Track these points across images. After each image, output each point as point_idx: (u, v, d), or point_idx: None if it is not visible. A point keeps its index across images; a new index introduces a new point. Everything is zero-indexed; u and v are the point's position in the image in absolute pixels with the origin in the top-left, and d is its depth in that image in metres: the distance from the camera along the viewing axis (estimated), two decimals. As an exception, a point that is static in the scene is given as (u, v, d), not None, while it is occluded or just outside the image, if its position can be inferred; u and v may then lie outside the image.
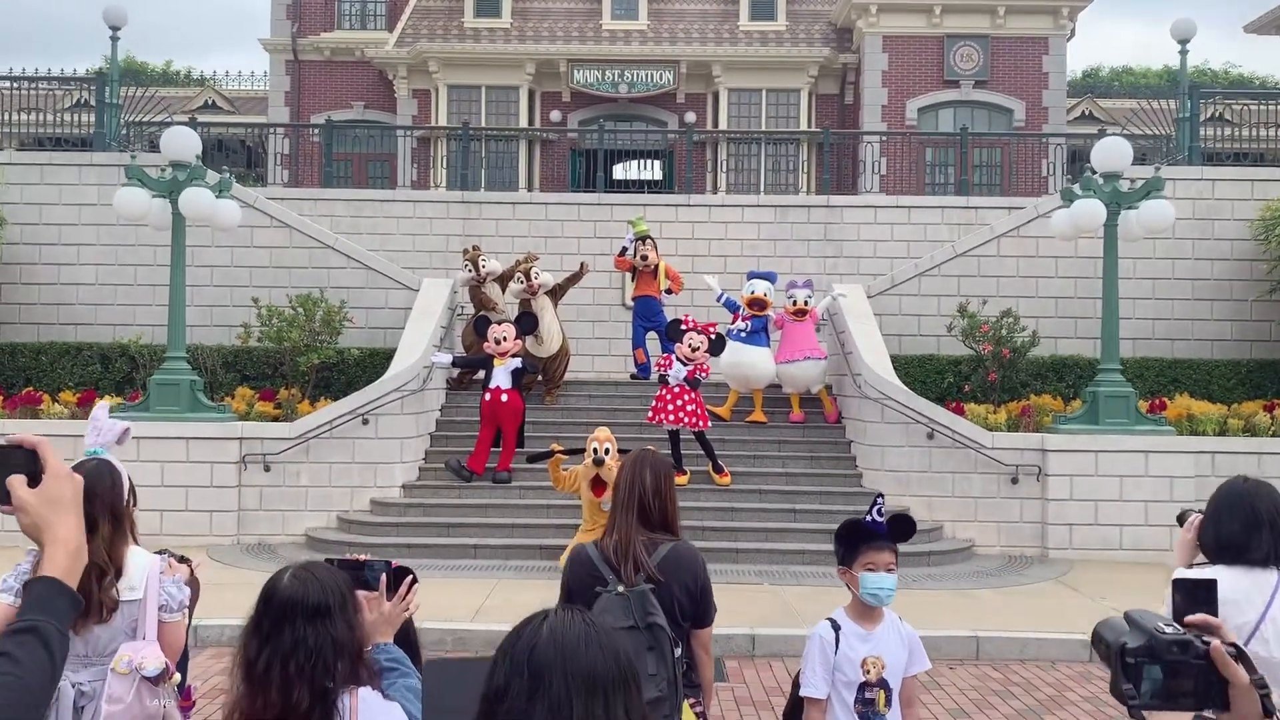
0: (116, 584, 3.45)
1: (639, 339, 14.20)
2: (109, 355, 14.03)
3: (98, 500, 3.44)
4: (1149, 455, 11.68)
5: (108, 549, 3.45)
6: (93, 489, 3.45)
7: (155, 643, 3.48)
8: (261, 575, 9.08)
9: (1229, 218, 14.49)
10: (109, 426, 3.72)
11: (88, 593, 3.37)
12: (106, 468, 3.56)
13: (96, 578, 3.40)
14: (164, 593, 3.52)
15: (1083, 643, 8.26)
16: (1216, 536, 3.41)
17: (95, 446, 3.66)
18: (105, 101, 15.53)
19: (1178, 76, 28.78)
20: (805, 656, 3.62)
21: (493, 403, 11.83)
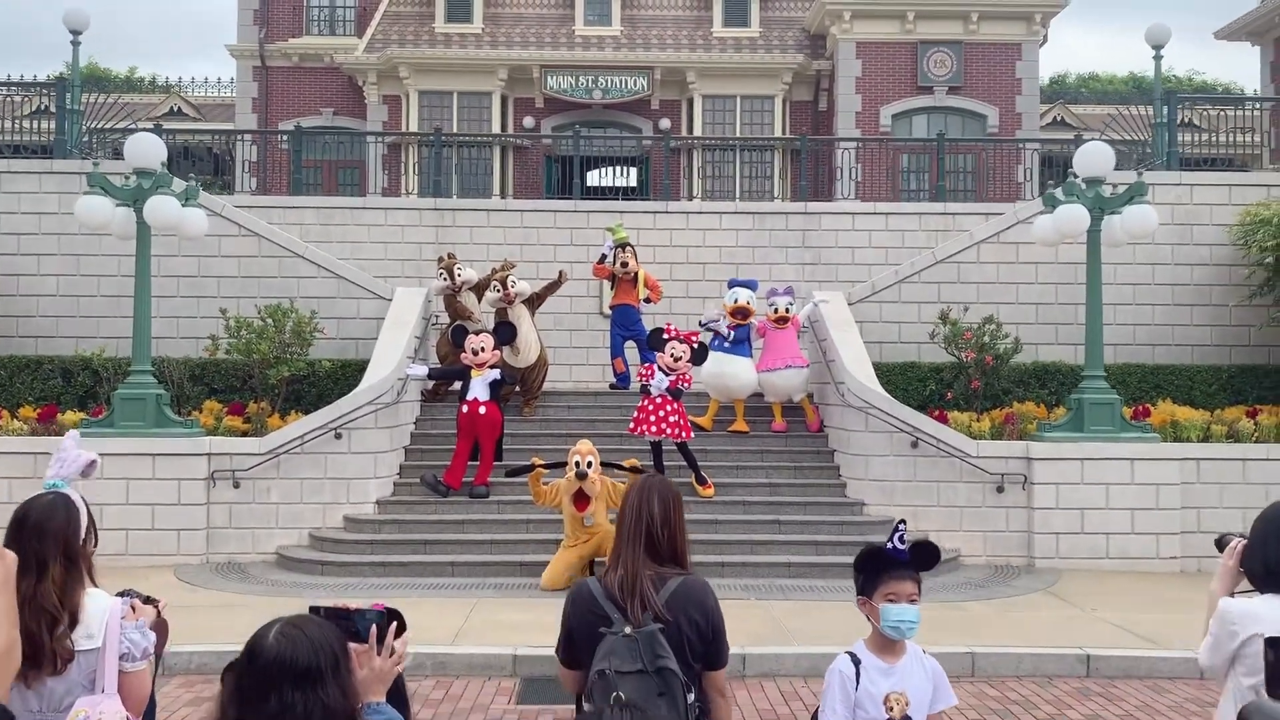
0: (71, 632, 3.15)
1: (617, 348, 13.98)
2: (71, 369, 13.61)
3: (50, 539, 3.14)
4: (1134, 462, 11.58)
5: (60, 593, 3.14)
6: (44, 526, 3.15)
7: (115, 696, 3.18)
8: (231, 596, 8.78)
9: (1208, 223, 14.47)
10: (74, 458, 3.41)
11: (38, 643, 3.07)
12: (62, 502, 3.26)
13: (48, 626, 3.09)
14: (125, 640, 3.22)
15: (1079, 657, 8.11)
16: (1265, 563, 3.21)
17: (55, 479, 3.36)
18: (66, 108, 15.10)
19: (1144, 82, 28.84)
20: (825, 693, 3.39)
21: (470, 415, 11.56)
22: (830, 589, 10.29)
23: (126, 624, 3.23)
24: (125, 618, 3.24)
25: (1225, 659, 3.16)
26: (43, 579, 3.11)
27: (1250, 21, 22.02)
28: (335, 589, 10.10)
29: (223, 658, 7.30)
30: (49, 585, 3.11)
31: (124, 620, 3.23)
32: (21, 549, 3.11)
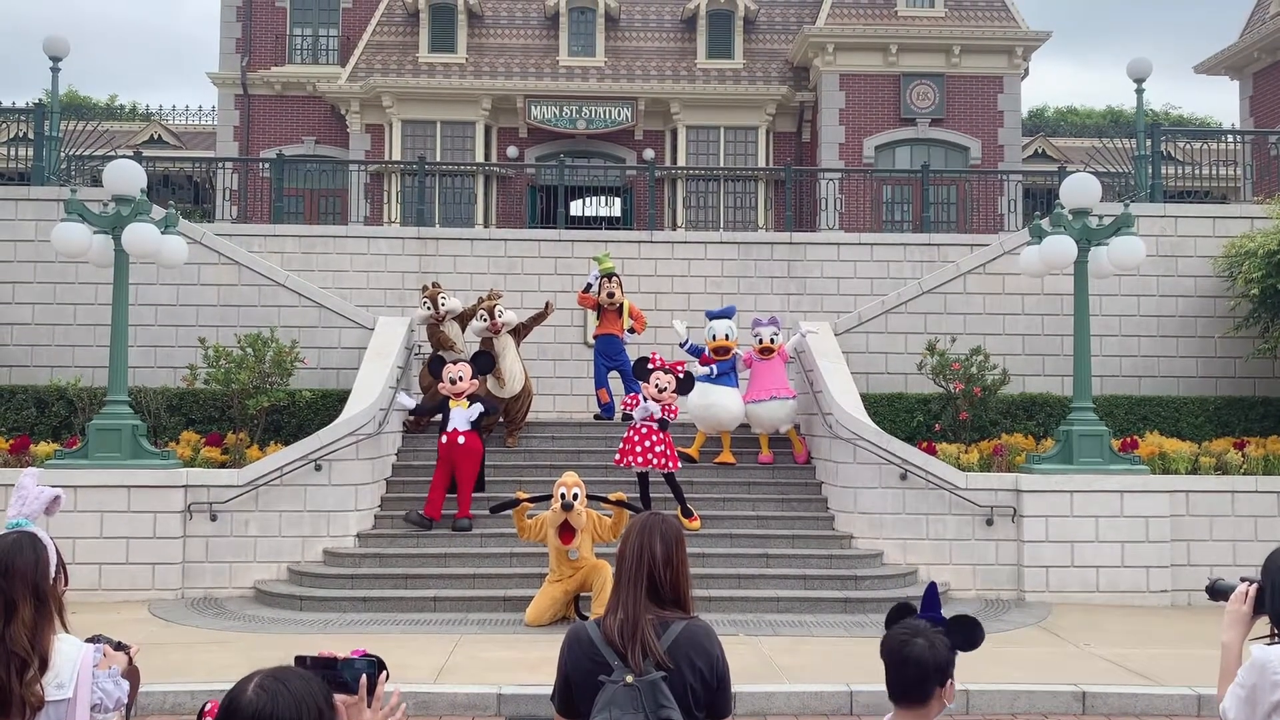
0: (41, 678, 2.96)
1: (601, 378, 13.85)
2: (45, 398, 13.34)
3: (17, 579, 2.96)
4: (1124, 495, 11.50)
5: (30, 636, 2.95)
6: (10, 565, 2.97)
7: None
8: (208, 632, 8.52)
9: (1192, 254, 14.50)
10: (36, 495, 3.23)
11: (7, 690, 2.89)
12: (29, 541, 3.07)
13: (17, 671, 2.91)
14: (98, 689, 3.03)
15: (1074, 694, 7.96)
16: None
17: (18, 517, 3.18)
18: (44, 134, 14.91)
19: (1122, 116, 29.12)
20: None
21: (449, 444, 11.37)
22: (820, 624, 10.14)
23: (99, 673, 3.05)
24: (98, 665, 3.06)
25: (1265, 712, 3.01)
26: (11, 621, 2.93)
27: (1229, 56, 22.28)
28: (315, 625, 9.86)
29: (198, 697, 7.07)
30: (18, 628, 2.93)
31: (96, 669, 3.05)
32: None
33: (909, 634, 2.89)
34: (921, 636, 2.88)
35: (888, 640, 2.94)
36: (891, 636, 2.95)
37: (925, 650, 2.87)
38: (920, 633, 2.89)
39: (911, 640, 2.88)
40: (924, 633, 2.90)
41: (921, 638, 2.88)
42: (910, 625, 2.94)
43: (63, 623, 3.10)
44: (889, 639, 2.95)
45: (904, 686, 2.88)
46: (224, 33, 25.55)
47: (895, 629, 2.96)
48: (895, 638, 2.93)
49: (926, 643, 2.87)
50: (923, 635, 2.89)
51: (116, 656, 3.15)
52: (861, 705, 7.81)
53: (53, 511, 3.25)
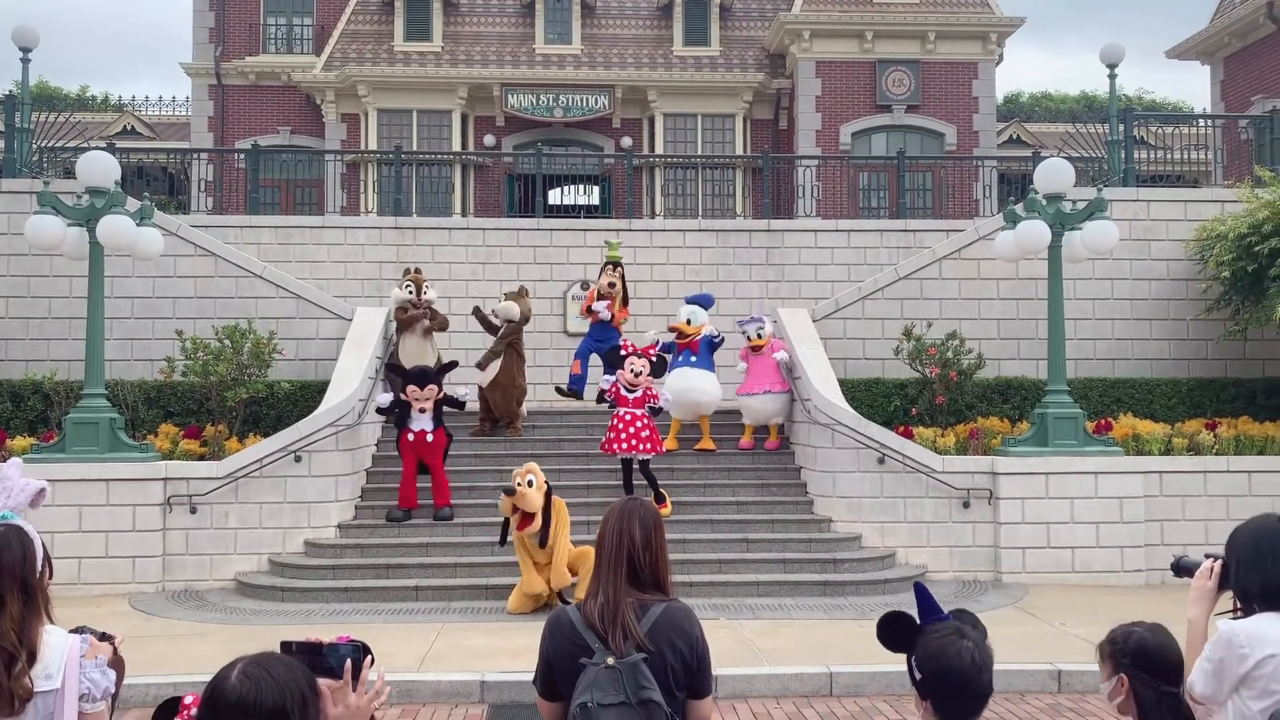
0: (30, 670, 2.99)
1: (583, 352, 13.75)
2: (20, 392, 13.25)
3: (4, 573, 2.98)
4: (1098, 476, 11.65)
5: (17, 629, 2.98)
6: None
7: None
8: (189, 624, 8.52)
9: (1164, 238, 14.65)
10: (21, 486, 3.24)
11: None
12: (16, 534, 3.09)
13: (5, 664, 2.93)
14: (85, 679, 3.06)
15: (1050, 673, 8.10)
16: (1264, 582, 3.13)
17: (4, 510, 3.19)
18: (15, 126, 14.76)
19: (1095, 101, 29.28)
20: None
21: (417, 442, 11.35)
22: (799, 607, 10.23)
23: (86, 663, 3.07)
24: (84, 656, 3.09)
25: (1231, 684, 3.07)
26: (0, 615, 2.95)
27: (1200, 41, 22.47)
28: (296, 615, 9.87)
29: (180, 689, 7.08)
30: (6, 622, 2.95)
31: (83, 659, 3.07)
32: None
33: (956, 636, 2.49)
34: (967, 638, 2.50)
35: (941, 652, 2.47)
36: (939, 646, 2.48)
37: (984, 651, 2.51)
38: (963, 633, 2.51)
39: (963, 644, 2.47)
40: (965, 632, 2.52)
41: (968, 639, 2.50)
42: (948, 629, 2.52)
43: (49, 615, 3.12)
44: (941, 650, 2.47)
45: (977, 698, 2.48)
46: (197, 22, 25.32)
47: (934, 637, 2.50)
48: (950, 646, 2.46)
49: (974, 643, 2.50)
50: (968, 636, 2.51)
51: (101, 647, 3.17)
52: (841, 686, 7.91)
53: (37, 504, 3.26)
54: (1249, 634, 3.05)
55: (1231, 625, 3.12)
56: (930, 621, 2.58)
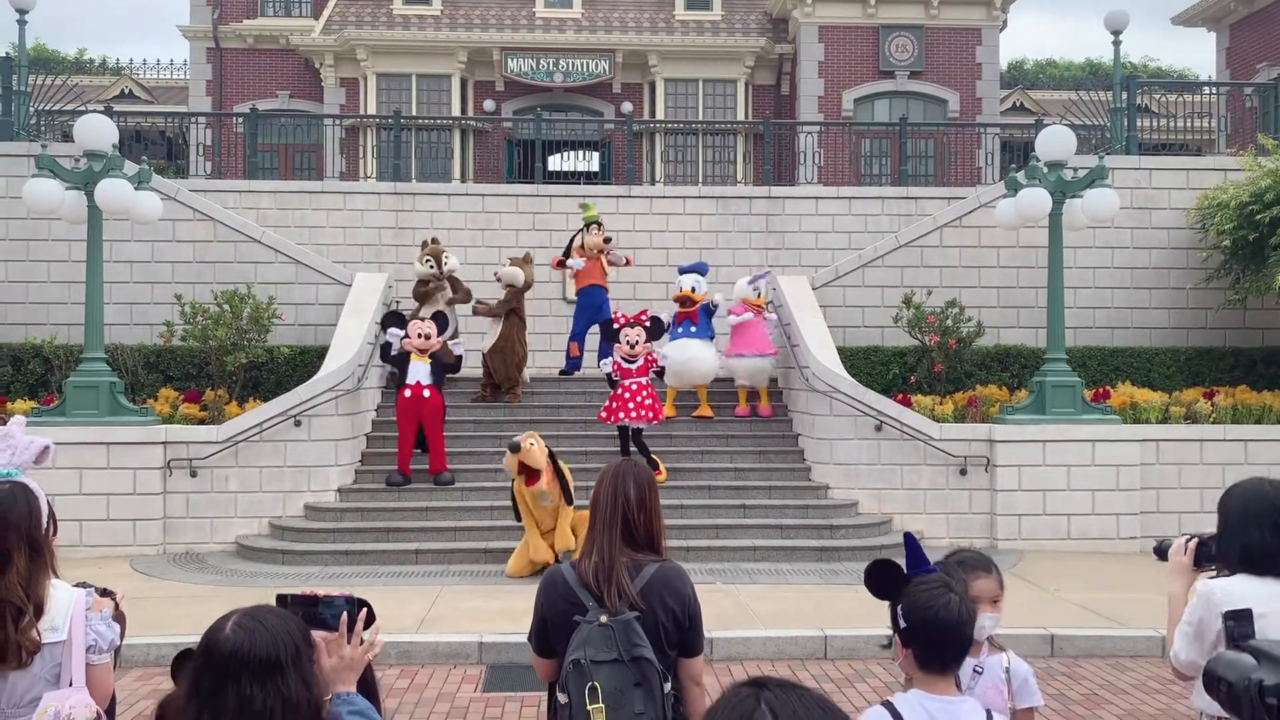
0: (37, 623, 3.03)
1: (579, 332, 13.80)
2: (21, 356, 13.28)
3: (11, 528, 3.03)
4: (1095, 444, 11.69)
5: (25, 584, 3.02)
6: (5, 516, 3.04)
7: (84, 689, 3.06)
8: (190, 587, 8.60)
9: (1166, 206, 14.61)
10: (25, 444, 3.28)
11: (2, 635, 2.96)
12: (21, 491, 3.13)
13: (13, 617, 2.98)
14: (92, 631, 3.11)
15: (1043, 638, 8.17)
16: (1244, 546, 3.17)
17: (8, 467, 3.23)
18: (12, 89, 14.69)
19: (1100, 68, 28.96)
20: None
21: (414, 399, 11.36)
22: (796, 572, 10.31)
23: (92, 615, 3.13)
24: (89, 609, 3.14)
25: (1210, 644, 3.12)
26: (6, 570, 3.00)
27: (1207, 7, 22.26)
28: (296, 578, 9.94)
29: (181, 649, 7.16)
30: (13, 577, 3.00)
31: (88, 612, 3.13)
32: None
33: (943, 589, 2.53)
34: (953, 591, 2.54)
35: (927, 603, 2.51)
36: (925, 598, 2.52)
37: (968, 605, 2.55)
38: (950, 586, 2.55)
39: (948, 595, 2.52)
40: (952, 586, 2.56)
41: (954, 592, 2.54)
42: (935, 580, 2.57)
43: (54, 570, 3.17)
44: (928, 602, 2.51)
45: (958, 649, 2.53)
46: (194, -16, 25.08)
47: (921, 588, 2.54)
48: (937, 598, 2.51)
49: (960, 596, 2.54)
50: (954, 590, 2.55)
51: (103, 603, 3.21)
52: (835, 649, 7.99)
53: (42, 461, 3.30)
54: (1225, 591, 3.10)
55: (1209, 583, 3.16)
56: (918, 573, 2.63)
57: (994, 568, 3.37)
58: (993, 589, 3.30)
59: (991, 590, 3.29)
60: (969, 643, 2.56)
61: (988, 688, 3.31)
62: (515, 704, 6.93)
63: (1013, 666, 3.37)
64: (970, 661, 3.28)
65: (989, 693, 3.29)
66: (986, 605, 3.25)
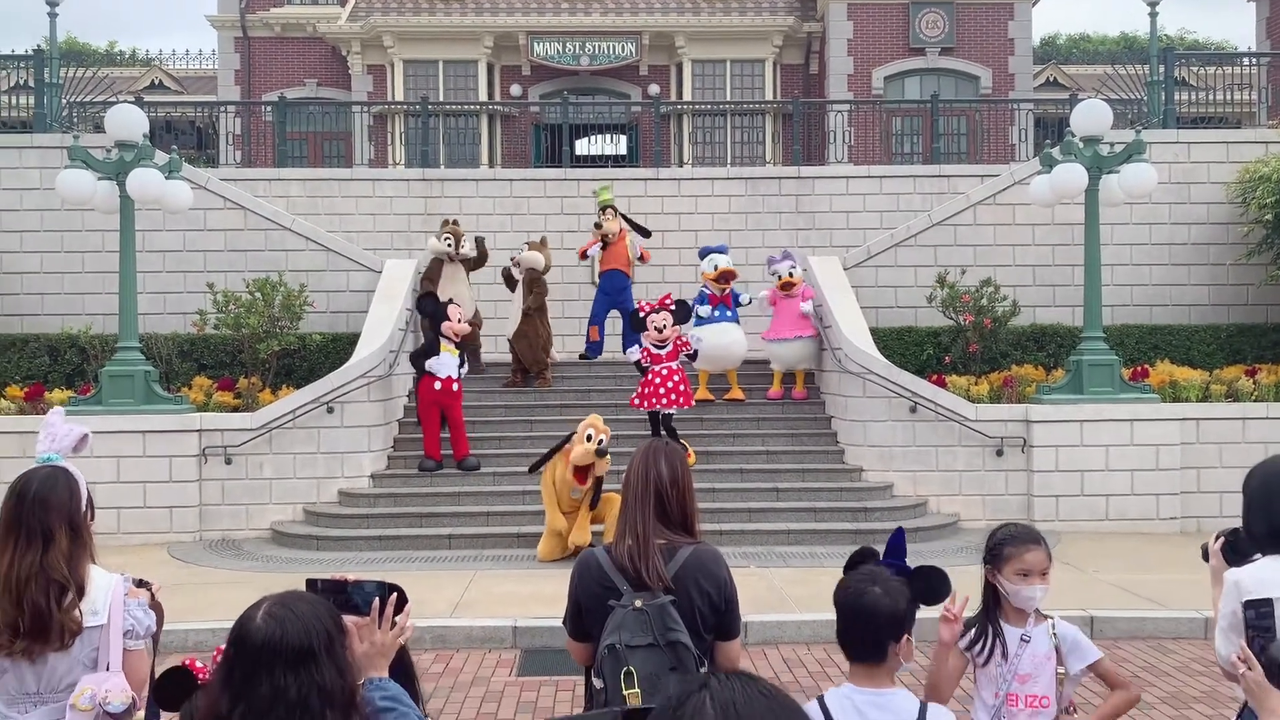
0: (79, 604, 3.05)
1: (599, 315, 13.73)
2: (57, 346, 13.42)
3: (53, 510, 3.05)
4: (1134, 424, 11.51)
5: (67, 564, 3.04)
6: (46, 498, 3.07)
7: (120, 673, 3.07)
8: (226, 573, 8.64)
9: (1205, 181, 14.33)
10: (65, 432, 3.30)
11: (45, 615, 2.97)
12: (63, 475, 3.16)
13: (56, 597, 2.99)
14: (130, 616, 3.12)
15: (1083, 619, 8.04)
16: (1270, 524, 3.07)
17: (49, 453, 3.25)
18: (45, 81, 14.81)
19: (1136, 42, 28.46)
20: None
21: (442, 392, 11.30)
22: (829, 555, 10.22)
23: (130, 601, 3.14)
24: (127, 595, 3.15)
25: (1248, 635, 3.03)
26: (49, 550, 3.02)
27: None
28: (331, 564, 10.00)
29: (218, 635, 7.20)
30: (56, 556, 3.02)
31: (126, 597, 3.14)
32: (24, 521, 3.03)
33: (865, 582, 2.61)
34: (879, 585, 2.60)
35: (842, 588, 2.65)
36: (845, 584, 2.65)
37: (881, 600, 2.58)
38: (878, 580, 2.61)
39: (867, 589, 2.59)
40: (881, 580, 2.61)
41: (878, 586, 2.59)
42: (867, 573, 2.65)
43: (93, 556, 3.18)
44: (843, 587, 2.65)
45: (856, 640, 2.62)
46: (221, -26, 25.17)
47: (851, 576, 2.67)
48: (849, 586, 2.63)
49: (883, 591, 2.59)
50: (880, 584, 2.60)
51: (139, 593, 3.22)
52: (872, 633, 7.91)
53: (81, 449, 3.32)
54: (1254, 579, 3.02)
55: (1236, 573, 3.08)
56: (886, 563, 2.71)
57: (1042, 540, 3.39)
58: (1042, 561, 3.31)
59: (1041, 562, 3.31)
60: (876, 637, 2.58)
61: (1038, 655, 3.30)
62: (550, 688, 6.92)
63: (1059, 630, 3.37)
64: (1016, 631, 3.28)
65: (1040, 659, 3.28)
66: (1036, 577, 3.31)
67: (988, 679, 3.35)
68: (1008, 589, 3.32)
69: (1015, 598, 3.32)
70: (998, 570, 3.35)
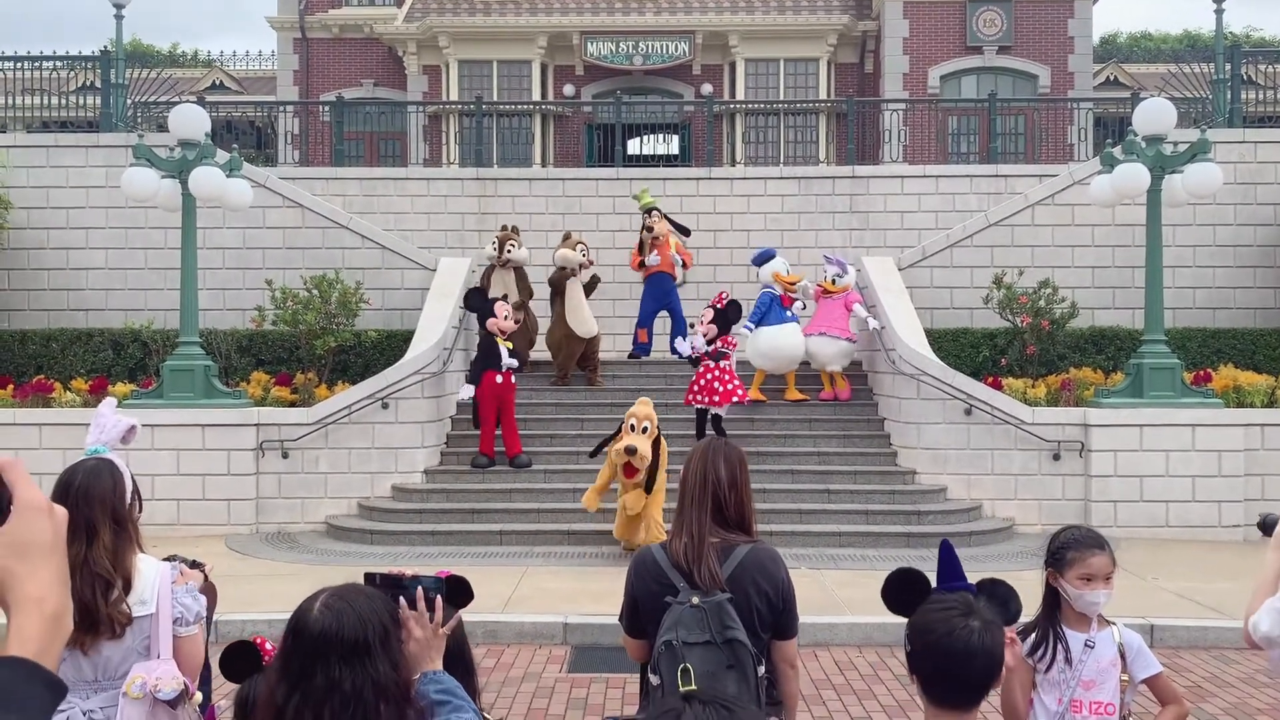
0: (126, 597, 3.10)
1: (646, 318, 13.72)
2: (121, 341, 13.73)
3: (97, 503, 3.09)
4: (1195, 429, 11.26)
5: (112, 558, 3.09)
6: (90, 490, 3.10)
7: (171, 661, 3.13)
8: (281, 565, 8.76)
9: (1272, 181, 13.99)
10: (113, 423, 3.35)
11: (92, 608, 3.02)
12: (107, 467, 3.20)
13: (102, 591, 3.05)
14: (178, 604, 3.17)
15: (1142, 627, 7.87)
16: None
17: (96, 444, 3.30)
18: (111, 82, 15.17)
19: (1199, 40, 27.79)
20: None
21: (502, 385, 11.39)
22: (881, 558, 10.14)
23: (177, 588, 3.18)
24: (175, 582, 3.19)
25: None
26: (93, 544, 3.06)
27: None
28: (385, 558, 10.10)
29: (274, 625, 7.31)
30: (100, 550, 3.06)
31: (174, 585, 3.18)
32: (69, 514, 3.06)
33: (958, 614, 2.17)
34: (976, 617, 2.17)
35: (932, 627, 2.17)
36: (935, 621, 2.17)
37: (985, 638, 2.14)
38: (973, 612, 2.18)
39: (968, 626, 2.14)
40: (977, 612, 2.19)
41: (976, 619, 2.17)
42: (955, 602, 2.21)
43: (139, 545, 3.23)
44: (932, 625, 2.17)
45: (956, 686, 2.14)
46: (281, -24, 25.57)
47: (935, 610, 2.21)
48: (946, 623, 2.16)
49: (983, 626, 2.16)
50: (977, 615, 2.18)
51: (192, 574, 3.27)
52: (924, 637, 7.82)
53: (129, 440, 3.36)
54: None
55: None
56: (947, 588, 2.30)
57: (1107, 545, 3.35)
58: (1106, 566, 3.27)
59: (1105, 567, 3.27)
60: (984, 679, 2.15)
61: (1103, 660, 3.24)
62: (600, 685, 6.93)
63: (1125, 639, 3.31)
64: (1080, 636, 3.23)
65: (1105, 665, 3.23)
66: (1100, 582, 3.27)
67: (1050, 684, 3.31)
68: (1070, 593, 3.27)
69: (1078, 602, 3.27)
70: (1060, 574, 3.30)
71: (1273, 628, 3.05)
